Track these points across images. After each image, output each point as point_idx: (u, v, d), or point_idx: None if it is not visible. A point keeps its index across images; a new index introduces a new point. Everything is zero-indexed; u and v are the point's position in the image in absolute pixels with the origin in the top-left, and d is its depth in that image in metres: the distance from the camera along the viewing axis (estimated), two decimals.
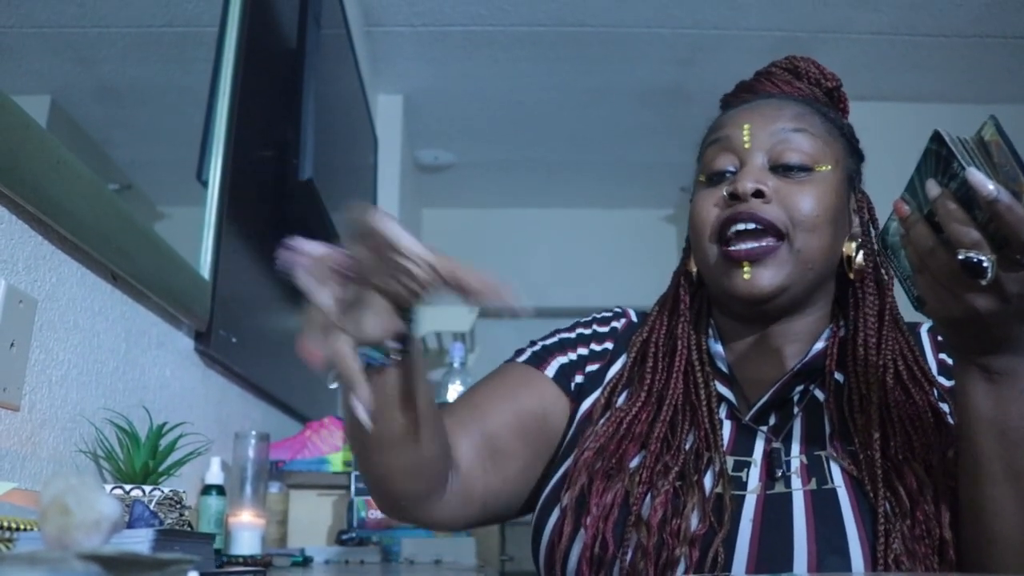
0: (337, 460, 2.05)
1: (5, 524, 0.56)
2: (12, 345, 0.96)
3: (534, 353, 1.05)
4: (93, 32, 1.29)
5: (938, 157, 0.71)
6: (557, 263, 5.01)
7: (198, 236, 1.59)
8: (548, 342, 1.07)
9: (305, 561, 1.57)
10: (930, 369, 0.94)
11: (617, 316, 1.11)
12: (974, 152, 0.69)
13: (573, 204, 5.09)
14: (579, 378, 1.04)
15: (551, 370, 1.03)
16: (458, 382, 2.51)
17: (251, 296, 1.92)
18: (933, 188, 0.71)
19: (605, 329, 1.09)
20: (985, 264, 0.68)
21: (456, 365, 2.50)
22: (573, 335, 1.08)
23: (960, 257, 0.68)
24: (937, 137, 0.71)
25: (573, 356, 1.05)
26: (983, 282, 0.68)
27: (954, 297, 0.71)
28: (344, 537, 1.81)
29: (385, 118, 3.89)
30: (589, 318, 1.11)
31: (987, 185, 0.66)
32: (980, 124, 0.70)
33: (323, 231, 2.20)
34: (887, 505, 0.81)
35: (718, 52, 3.59)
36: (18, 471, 0.99)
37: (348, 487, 1.93)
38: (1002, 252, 0.68)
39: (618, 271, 4.93)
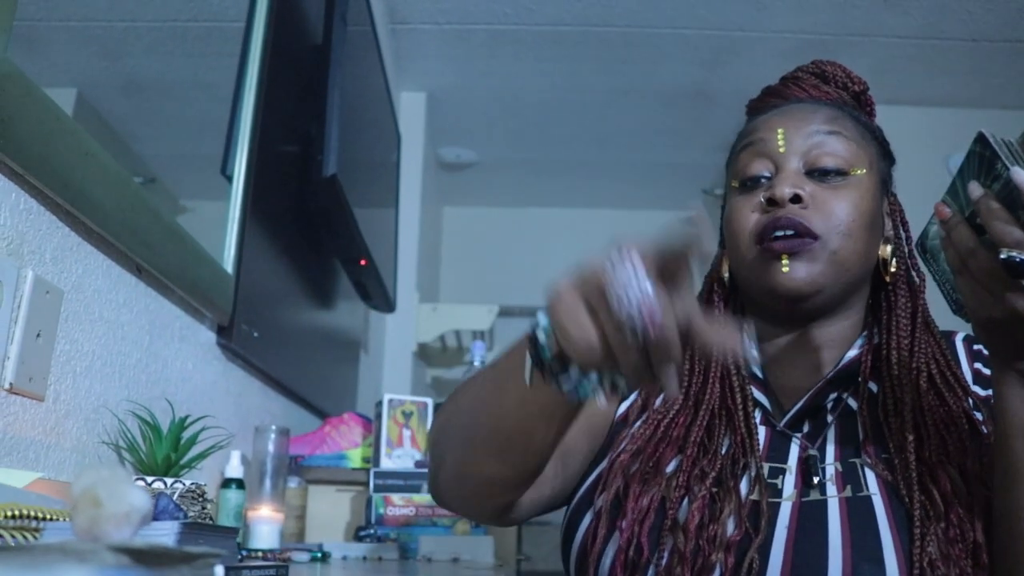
0: (356, 456, 2.06)
1: (32, 514, 0.56)
2: (38, 335, 0.96)
3: None
4: (119, 26, 1.29)
5: (981, 159, 0.71)
6: (578, 264, 4.99)
7: (222, 230, 1.60)
8: None
9: (323, 557, 1.57)
10: (963, 375, 0.93)
11: None
12: (1019, 153, 0.69)
13: (595, 204, 5.08)
14: None
15: None
16: None
17: (273, 291, 1.93)
18: (976, 189, 0.71)
19: None
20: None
21: (476, 363, 2.49)
22: None
23: (1002, 256, 0.68)
24: (981, 139, 0.71)
25: None
26: None
27: (994, 297, 0.71)
28: (362, 533, 1.81)
29: (408, 115, 3.89)
30: None
31: None
32: None
33: (346, 227, 2.20)
34: (921, 508, 0.81)
35: (743, 54, 3.57)
36: (42, 461, 1.00)
37: (367, 483, 1.93)
38: None
39: None
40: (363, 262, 2.48)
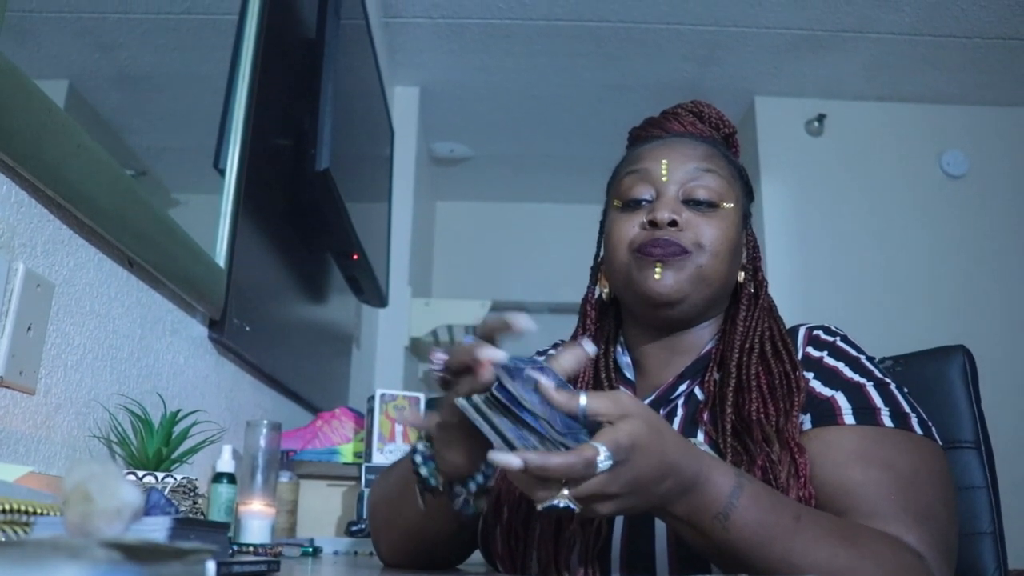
0: (348, 451, 2.05)
1: (22, 508, 0.56)
2: (29, 329, 0.96)
3: None
4: (112, 18, 1.28)
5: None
6: (570, 259, 4.97)
7: (214, 224, 1.59)
8: None
9: (315, 551, 1.57)
10: (792, 347, 1.02)
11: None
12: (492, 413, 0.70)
13: (588, 200, 5.05)
14: None
15: None
16: None
17: (265, 285, 1.92)
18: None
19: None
20: (563, 504, 0.69)
21: None
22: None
23: (541, 507, 0.69)
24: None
25: None
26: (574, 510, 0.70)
27: (603, 502, 0.72)
28: (354, 528, 1.81)
29: (401, 110, 3.88)
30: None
31: (511, 461, 0.66)
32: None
33: (339, 221, 2.20)
34: (733, 453, 0.91)
35: (737, 49, 3.57)
36: (32, 454, 0.99)
37: (358, 478, 1.93)
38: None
39: None
40: (355, 257, 2.48)
